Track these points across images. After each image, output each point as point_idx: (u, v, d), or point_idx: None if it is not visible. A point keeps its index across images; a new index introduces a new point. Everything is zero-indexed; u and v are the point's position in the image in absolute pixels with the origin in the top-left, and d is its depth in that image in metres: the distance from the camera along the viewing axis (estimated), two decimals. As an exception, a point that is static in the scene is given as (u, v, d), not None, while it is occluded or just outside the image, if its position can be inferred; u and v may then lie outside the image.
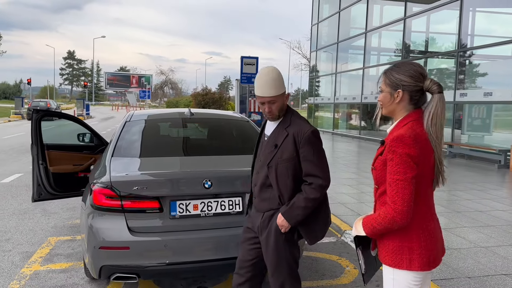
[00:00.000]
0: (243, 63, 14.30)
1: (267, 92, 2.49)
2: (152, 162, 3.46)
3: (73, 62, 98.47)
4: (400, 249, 1.88)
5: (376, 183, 1.99)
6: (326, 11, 24.88)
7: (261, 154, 2.65)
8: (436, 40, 16.73)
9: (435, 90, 1.89)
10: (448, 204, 6.73)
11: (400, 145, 1.80)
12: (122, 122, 4.10)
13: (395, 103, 1.93)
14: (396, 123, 1.95)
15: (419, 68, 1.93)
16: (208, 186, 3.12)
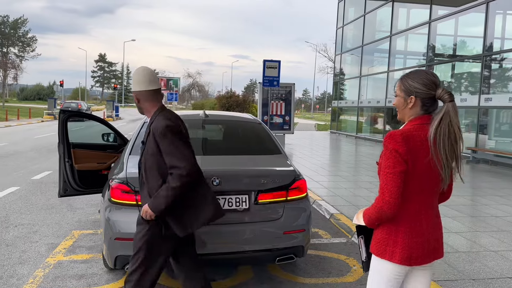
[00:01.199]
0: (266, 66, 14.49)
1: (132, 87, 2.81)
2: None
3: (104, 65, 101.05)
4: (386, 240, 2.03)
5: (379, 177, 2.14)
6: (352, 14, 24.82)
7: None
8: (462, 44, 16.48)
9: (446, 99, 1.98)
10: (464, 208, 6.71)
11: (390, 142, 1.95)
12: (141, 122, 4.35)
13: (408, 108, 2.05)
14: (405, 124, 2.08)
15: (432, 77, 2.03)
16: (216, 183, 3.31)
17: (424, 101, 2.01)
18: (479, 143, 13.49)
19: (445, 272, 4.05)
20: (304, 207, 3.65)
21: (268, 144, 4.27)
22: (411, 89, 2.03)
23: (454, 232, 5.38)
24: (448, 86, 16.42)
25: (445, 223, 5.81)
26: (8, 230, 5.14)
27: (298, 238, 3.54)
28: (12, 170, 9.32)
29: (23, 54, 71.64)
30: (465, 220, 6.00)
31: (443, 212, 6.45)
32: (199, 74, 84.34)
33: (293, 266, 4.20)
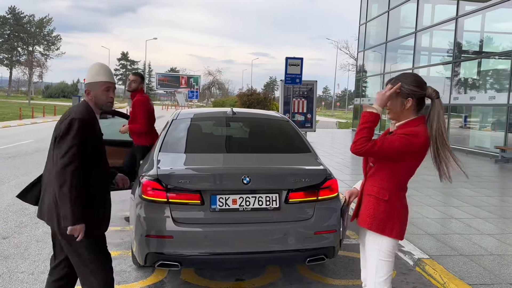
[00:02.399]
0: (288, 64, 14.37)
1: (113, 78, 2.71)
2: (195, 158, 3.68)
3: (127, 63, 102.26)
4: (387, 219, 2.35)
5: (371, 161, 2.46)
6: (375, 10, 24.44)
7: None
8: (490, 40, 16.04)
9: (434, 97, 2.31)
10: (496, 209, 6.51)
11: (412, 137, 2.22)
12: (169, 120, 4.35)
13: (405, 109, 2.31)
14: (407, 121, 2.32)
15: (420, 78, 2.33)
16: (247, 182, 3.27)
17: (418, 101, 2.30)
18: (508, 142, 13.10)
19: (480, 275, 3.92)
20: (335, 207, 3.57)
21: (297, 142, 4.21)
22: (407, 92, 2.28)
23: (487, 234, 5.21)
24: (474, 83, 16.02)
25: (477, 224, 5.68)
26: (38, 226, 5.22)
27: (329, 239, 3.47)
28: (39, 166, 9.50)
29: (48, 53, 73.36)
30: (497, 221, 5.82)
31: (474, 213, 6.31)
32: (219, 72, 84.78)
33: (322, 267, 4.13)
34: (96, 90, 2.61)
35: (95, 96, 2.61)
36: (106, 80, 2.64)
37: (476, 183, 8.69)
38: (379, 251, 2.38)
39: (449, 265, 4.14)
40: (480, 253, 4.51)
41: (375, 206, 2.38)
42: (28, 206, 6.09)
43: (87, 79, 2.66)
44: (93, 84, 2.62)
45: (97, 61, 2.78)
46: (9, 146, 12.89)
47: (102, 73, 2.64)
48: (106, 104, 2.67)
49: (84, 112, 2.55)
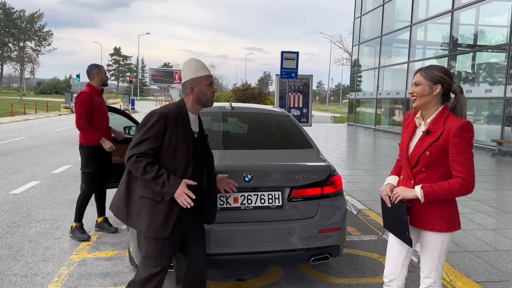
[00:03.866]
0: (283, 58, 14.21)
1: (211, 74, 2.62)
2: None
3: (119, 58, 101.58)
4: (453, 216, 2.37)
5: (424, 166, 2.34)
6: (370, 4, 24.31)
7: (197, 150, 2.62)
8: (485, 33, 15.98)
9: (458, 92, 2.35)
10: (497, 204, 6.44)
11: (466, 131, 2.23)
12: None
13: (433, 95, 2.31)
14: (437, 114, 2.33)
15: (449, 70, 2.38)
16: (248, 179, 3.14)
17: (445, 91, 2.33)
18: (504, 135, 13.08)
19: (487, 272, 3.83)
20: (339, 204, 3.46)
21: (298, 137, 4.09)
22: (437, 78, 2.31)
23: (490, 229, 5.13)
24: (470, 77, 15.97)
25: (479, 219, 5.60)
26: (31, 226, 5.07)
27: (333, 237, 3.35)
28: (32, 164, 9.31)
29: (39, 48, 72.55)
30: (499, 216, 5.75)
31: (475, 207, 6.24)
32: (213, 67, 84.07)
33: (325, 266, 4.02)
34: (201, 85, 2.53)
35: (199, 92, 2.53)
36: (208, 74, 2.58)
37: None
38: (441, 245, 2.40)
39: (454, 262, 4.04)
40: (485, 249, 4.43)
41: (440, 209, 2.35)
42: (20, 205, 5.94)
43: (187, 76, 2.54)
44: (197, 80, 2.53)
45: (191, 58, 2.66)
46: (1, 143, 12.66)
47: (202, 67, 2.57)
48: (210, 99, 2.59)
49: (171, 107, 2.50)
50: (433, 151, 2.28)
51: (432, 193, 2.27)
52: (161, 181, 2.37)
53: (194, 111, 2.60)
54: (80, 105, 4.55)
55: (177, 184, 2.41)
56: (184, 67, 2.59)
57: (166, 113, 2.44)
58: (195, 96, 2.53)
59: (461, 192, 2.24)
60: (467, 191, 2.24)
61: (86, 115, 4.56)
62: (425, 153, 2.30)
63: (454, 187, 2.24)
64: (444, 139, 2.25)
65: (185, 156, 2.48)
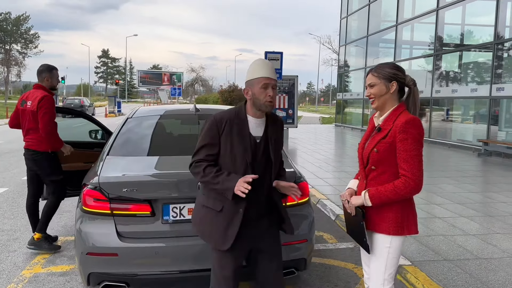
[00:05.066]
0: (267, 58, 13.97)
1: (272, 74, 2.39)
2: (147, 161, 3.25)
3: (108, 61, 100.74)
4: (401, 218, 2.24)
5: (374, 164, 2.26)
6: (356, 3, 24.18)
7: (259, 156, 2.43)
8: (471, 33, 15.88)
9: (412, 85, 2.30)
10: (481, 207, 6.23)
11: (412, 127, 2.14)
12: (124, 118, 3.92)
13: (390, 93, 2.26)
14: (390, 112, 2.27)
15: (399, 66, 2.34)
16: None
17: (401, 86, 2.29)
18: (490, 135, 12.94)
19: (466, 283, 3.59)
20: (306, 213, 3.19)
21: None
22: (391, 75, 2.26)
23: (472, 235, 4.90)
24: (456, 76, 15.85)
25: (461, 224, 5.37)
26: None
27: (299, 250, 3.09)
28: (4, 169, 8.94)
29: (25, 51, 71.50)
30: (482, 220, 5.53)
31: (458, 211, 6.02)
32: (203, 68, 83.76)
33: (294, 277, 3.74)
34: (254, 87, 2.37)
35: (253, 95, 2.37)
36: (264, 76, 2.35)
37: (459, 178, 8.44)
38: (389, 248, 2.27)
39: (432, 272, 3.80)
40: (465, 257, 4.19)
41: (389, 210, 2.24)
42: None
43: (246, 78, 2.44)
44: (251, 82, 2.39)
45: (257, 59, 2.49)
46: (-25, 149, 12.22)
47: (260, 68, 2.39)
48: (265, 104, 2.37)
49: (229, 112, 2.43)
50: (381, 148, 2.20)
51: (377, 196, 2.19)
52: (221, 178, 2.29)
53: (255, 115, 2.43)
54: (47, 111, 4.23)
55: (236, 179, 2.28)
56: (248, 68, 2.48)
57: (220, 119, 2.37)
58: (250, 99, 2.41)
59: (406, 191, 2.13)
60: (412, 190, 2.13)
61: (54, 120, 4.29)
62: (373, 150, 2.24)
63: (398, 187, 2.14)
64: (392, 135, 2.18)
65: (243, 161, 2.35)
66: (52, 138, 4.30)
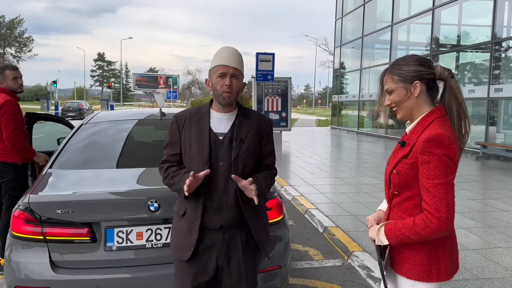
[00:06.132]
0: (259, 60, 13.56)
1: (232, 61, 2.11)
2: (92, 176, 2.80)
3: (103, 64, 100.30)
4: (429, 260, 1.74)
5: (396, 189, 1.79)
6: (351, 4, 23.82)
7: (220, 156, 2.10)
8: (468, 33, 15.50)
9: (447, 76, 1.74)
10: (480, 216, 5.79)
11: (437, 146, 1.63)
12: (78, 124, 3.48)
13: (414, 98, 1.74)
14: (418, 121, 1.76)
15: (423, 56, 1.84)
16: (155, 208, 2.43)
17: (428, 84, 1.76)
18: (489, 138, 12.53)
19: (466, 311, 3.15)
20: (279, 235, 2.76)
21: None
22: (411, 74, 1.75)
23: (471, 250, 4.47)
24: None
25: (460, 237, 4.90)
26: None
27: (272, 279, 2.65)
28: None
29: (20, 55, 71.07)
30: (482, 232, 5.09)
31: (457, 221, 5.54)
32: (199, 71, 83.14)
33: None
34: (213, 77, 2.12)
35: (212, 86, 2.13)
36: (221, 64, 2.09)
37: (457, 184, 7.89)
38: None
39: (427, 297, 3.35)
40: (464, 277, 3.76)
41: (413, 249, 1.75)
42: None
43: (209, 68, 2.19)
44: (210, 71, 2.16)
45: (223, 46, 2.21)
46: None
47: (219, 55, 2.13)
48: (222, 94, 2.09)
49: (191, 108, 2.23)
50: (402, 170, 1.74)
51: (393, 233, 1.73)
52: (177, 178, 2.08)
53: (219, 109, 2.16)
54: (11, 118, 3.77)
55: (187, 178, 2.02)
56: None
57: (180, 116, 2.19)
58: (211, 90, 2.15)
59: (427, 232, 1.64)
60: (434, 231, 1.62)
61: (21, 127, 3.84)
62: (393, 171, 1.78)
63: (418, 224, 1.66)
64: (414, 155, 1.70)
65: (199, 161, 2.08)
66: (20, 149, 3.83)
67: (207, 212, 2.07)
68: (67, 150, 3.07)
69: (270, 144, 2.25)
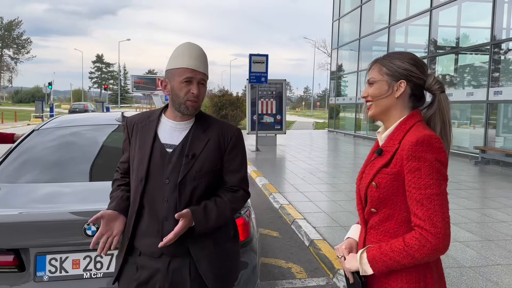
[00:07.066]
0: (252, 61, 13.22)
1: (200, 65, 1.77)
2: (24, 192, 2.43)
3: (102, 66, 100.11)
4: None
5: (374, 206, 1.50)
6: (348, 5, 23.52)
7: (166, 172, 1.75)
8: (466, 34, 15.18)
9: (437, 90, 1.52)
10: (478, 228, 5.43)
11: (428, 150, 1.39)
12: (29, 130, 3.12)
13: (394, 97, 1.52)
14: (397, 125, 1.52)
15: (421, 60, 1.57)
16: (92, 232, 2.07)
17: (414, 89, 1.53)
18: (488, 142, 12.18)
19: None
20: (244, 260, 2.39)
21: None
22: (400, 71, 1.52)
23: (468, 267, 4.10)
24: (451, 80, 15.13)
25: (456, 252, 4.55)
26: None
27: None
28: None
29: (18, 56, 70.80)
30: (480, 246, 4.73)
31: (453, 234, 5.21)
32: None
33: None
34: (174, 80, 1.75)
35: (171, 90, 1.76)
36: (188, 67, 1.73)
37: (454, 191, 7.64)
38: None
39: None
40: (459, 301, 3.40)
41: (400, 276, 1.46)
42: None
43: (167, 65, 1.81)
44: (171, 72, 1.76)
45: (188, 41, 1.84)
46: None
47: (184, 54, 1.75)
48: (185, 104, 1.74)
49: (144, 112, 1.91)
50: (382, 182, 1.46)
51: (380, 260, 1.43)
52: (113, 195, 1.87)
53: (173, 117, 1.81)
54: None
55: (112, 201, 1.86)
56: None
57: (130, 121, 1.89)
58: (169, 94, 1.79)
59: (423, 253, 1.35)
60: (432, 251, 1.34)
61: None
62: (371, 184, 1.50)
63: (410, 245, 1.37)
64: (397, 162, 1.44)
65: (137, 177, 1.77)
66: None
67: (143, 236, 1.75)
68: (11, 160, 2.72)
69: (236, 160, 1.86)
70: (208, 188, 1.80)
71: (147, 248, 1.75)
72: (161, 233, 1.72)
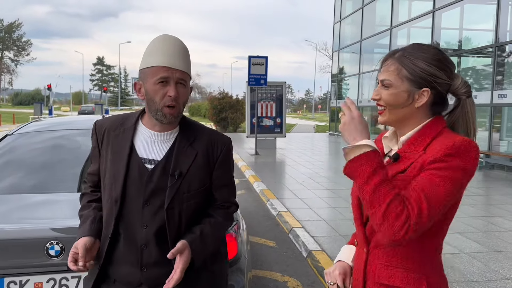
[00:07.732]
0: (251, 63, 12.99)
1: (178, 61, 1.48)
2: None
3: (103, 68, 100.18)
4: None
5: None
6: (349, 7, 23.32)
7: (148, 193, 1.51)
8: (469, 37, 14.96)
9: (463, 94, 1.29)
10: (484, 238, 5.17)
11: (463, 155, 1.16)
12: (3, 135, 2.88)
13: (414, 107, 1.27)
14: (420, 129, 1.28)
15: (448, 58, 1.31)
16: (56, 253, 1.83)
17: (438, 96, 1.27)
18: (492, 146, 11.93)
19: None
20: (231, 283, 2.14)
21: None
22: (424, 76, 1.24)
23: (475, 281, 3.85)
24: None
25: (462, 264, 4.28)
26: None
27: None
28: None
29: (18, 58, 70.80)
30: (488, 258, 4.47)
31: (458, 243, 4.98)
32: (198, 75, 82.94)
33: None
34: (147, 82, 1.48)
35: (146, 93, 1.50)
36: (163, 65, 1.45)
37: (459, 198, 7.37)
38: None
39: None
40: (468, 321, 3.14)
41: None
42: None
43: (140, 64, 1.54)
44: (143, 72, 1.50)
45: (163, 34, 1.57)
46: None
47: (158, 50, 1.48)
48: (162, 110, 1.48)
49: (116, 116, 1.65)
50: None
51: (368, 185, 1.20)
52: (83, 216, 1.60)
53: (151, 125, 1.55)
54: None
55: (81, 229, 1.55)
56: None
57: (100, 126, 1.61)
58: (143, 99, 1.53)
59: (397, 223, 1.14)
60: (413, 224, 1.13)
61: None
62: None
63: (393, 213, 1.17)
64: (416, 167, 1.22)
65: (109, 198, 1.51)
66: None
67: (119, 264, 1.52)
68: None
69: (226, 174, 1.63)
70: (197, 209, 1.56)
71: (123, 277, 1.53)
72: (140, 262, 1.50)
